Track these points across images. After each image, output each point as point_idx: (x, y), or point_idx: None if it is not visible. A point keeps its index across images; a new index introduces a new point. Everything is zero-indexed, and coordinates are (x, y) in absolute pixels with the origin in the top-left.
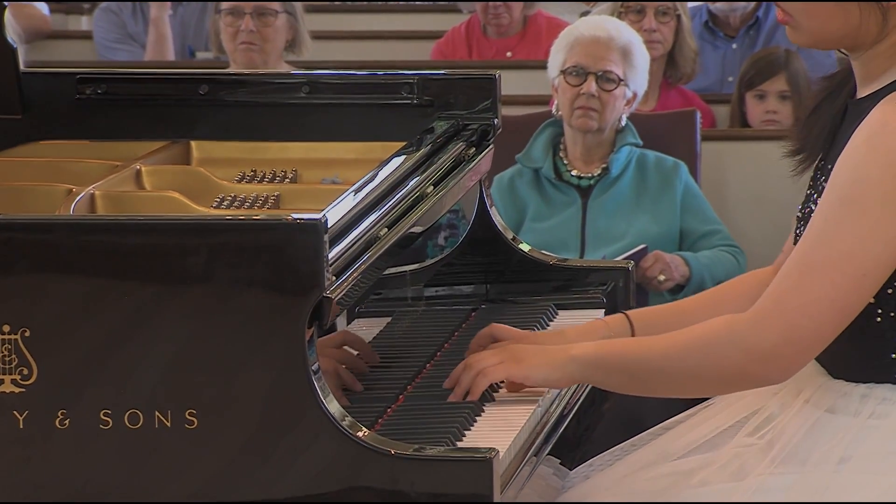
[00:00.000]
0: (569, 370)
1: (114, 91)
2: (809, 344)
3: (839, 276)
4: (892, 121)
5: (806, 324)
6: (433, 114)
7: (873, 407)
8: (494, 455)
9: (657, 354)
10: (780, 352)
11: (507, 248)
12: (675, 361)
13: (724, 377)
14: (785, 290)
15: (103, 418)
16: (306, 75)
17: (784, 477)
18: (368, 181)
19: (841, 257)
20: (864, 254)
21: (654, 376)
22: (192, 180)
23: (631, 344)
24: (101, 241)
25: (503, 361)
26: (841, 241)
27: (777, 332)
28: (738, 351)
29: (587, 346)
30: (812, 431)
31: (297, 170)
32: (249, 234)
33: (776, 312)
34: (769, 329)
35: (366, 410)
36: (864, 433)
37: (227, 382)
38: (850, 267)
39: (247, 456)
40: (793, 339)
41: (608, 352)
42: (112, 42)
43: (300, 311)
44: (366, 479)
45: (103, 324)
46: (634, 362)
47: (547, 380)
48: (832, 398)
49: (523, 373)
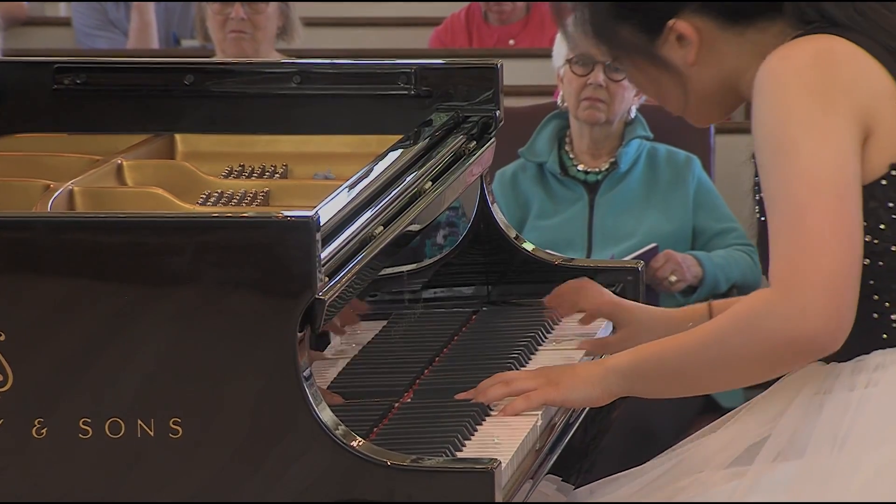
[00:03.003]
0: (607, 385)
1: (94, 81)
2: (839, 281)
3: (820, 208)
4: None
5: (824, 263)
6: (431, 105)
7: (867, 376)
8: (496, 466)
9: (696, 346)
10: (818, 302)
11: (509, 247)
12: (717, 349)
13: (774, 353)
14: (787, 250)
15: (83, 427)
16: (297, 64)
17: (784, 468)
18: (363, 177)
19: (809, 193)
20: (827, 176)
21: (699, 370)
22: (176, 175)
23: (666, 343)
24: (81, 239)
25: (539, 386)
26: (798, 181)
27: (804, 285)
28: (779, 320)
29: (621, 357)
30: (807, 418)
31: (287, 164)
32: (237, 233)
33: (792, 270)
34: (796, 287)
35: (360, 419)
36: (861, 405)
37: (214, 389)
38: (823, 196)
39: (234, 467)
40: (821, 284)
41: (644, 357)
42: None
43: (291, 313)
44: (360, 491)
45: (82, 327)
46: (674, 361)
47: (587, 399)
48: (826, 382)
49: (562, 396)
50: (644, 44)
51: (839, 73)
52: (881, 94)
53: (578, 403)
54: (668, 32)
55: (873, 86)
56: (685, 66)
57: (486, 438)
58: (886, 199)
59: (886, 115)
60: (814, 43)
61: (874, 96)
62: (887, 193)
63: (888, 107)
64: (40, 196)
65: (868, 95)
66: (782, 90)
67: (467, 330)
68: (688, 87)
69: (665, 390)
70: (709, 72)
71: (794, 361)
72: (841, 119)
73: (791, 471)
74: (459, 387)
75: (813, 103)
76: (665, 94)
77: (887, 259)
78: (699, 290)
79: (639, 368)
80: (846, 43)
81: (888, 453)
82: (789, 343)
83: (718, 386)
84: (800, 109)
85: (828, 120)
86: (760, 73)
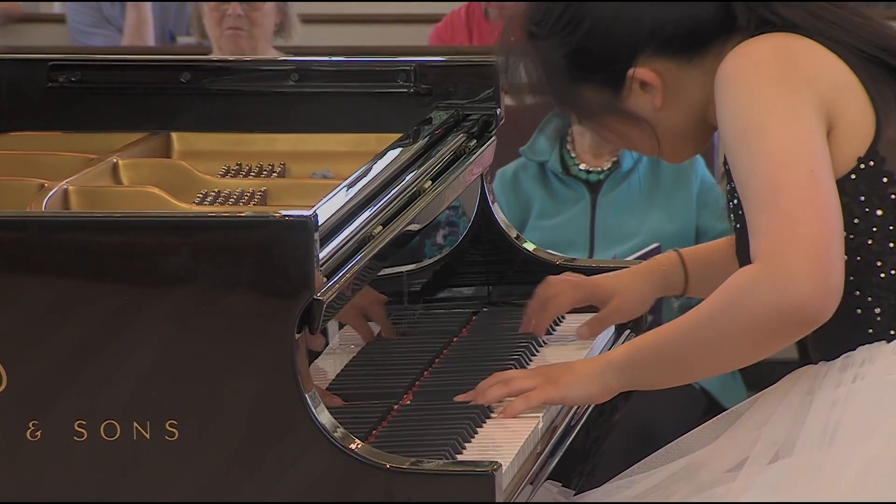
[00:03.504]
0: (606, 380)
1: (89, 79)
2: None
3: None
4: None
5: (804, 231)
6: (431, 103)
7: (854, 371)
8: (497, 469)
9: (688, 329)
10: (804, 268)
11: (510, 247)
12: (708, 329)
13: (766, 325)
14: (766, 226)
15: (77, 429)
16: (295, 62)
17: (775, 468)
18: (362, 175)
19: (781, 170)
20: (797, 153)
21: (694, 353)
22: (172, 175)
23: (660, 330)
24: (76, 239)
25: (538, 386)
26: (768, 161)
27: (788, 254)
28: (766, 290)
29: (618, 350)
30: (796, 417)
31: (285, 163)
32: (234, 233)
33: (773, 242)
34: (780, 257)
35: (359, 421)
36: (847, 401)
37: (211, 391)
38: (795, 171)
39: (231, 470)
40: (804, 250)
41: (640, 347)
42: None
43: (289, 314)
44: (359, 494)
45: (77, 328)
46: (668, 346)
47: (587, 395)
48: (815, 381)
49: (561, 394)
50: (609, 100)
51: (798, 65)
52: (842, 87)
53: (578, 401)
54: (631, 82)
55: (834, 78)
56: (654, 112)
57: (486, 441)
58: (857, 192)
59: (849, 107)
60: (770, 40)
61: (835, 88)
62: (857, 187)
63: (850, 99)
64: (34, 195)
65: (829, 87)
66: (743, 81)
67: (467, 331)
68: (659, 133)
69: (663, 379)
70: (678, 111)
71: (786, 333)
72: (803, 104)
73: (781, 469)
74: (459, 389)
75: (775, 90)
76: (637, 145)
77: (864, 253)
78: None
79: (635, 359)
80: (803, 39)
81: (876, 447)
82: (780, 313)
83: (716, 368)
84: (762, 95)
85: (791, 103)
86: (720, 73)
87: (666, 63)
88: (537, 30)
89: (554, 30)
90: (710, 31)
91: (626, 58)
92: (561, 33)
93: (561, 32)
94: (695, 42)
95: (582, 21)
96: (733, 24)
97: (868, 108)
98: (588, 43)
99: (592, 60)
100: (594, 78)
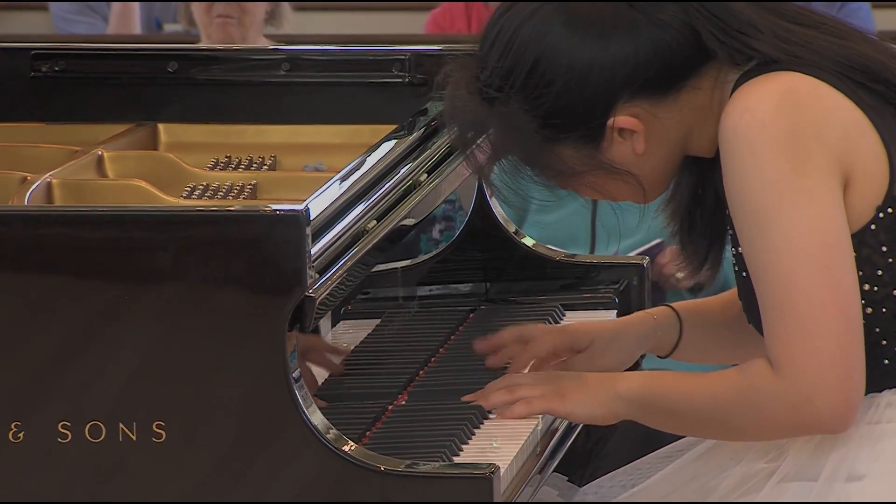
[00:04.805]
0: (614, 408)
1: (73, 68)
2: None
3: (807, 283)
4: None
5: (821, 344)
6: (427, 94)
7: (879, 414)
8: (495, 472)
9: (704, 403)
10: (824, 388)
11: (508, 242)
12: (723, 416)
13: (783, 432)
14: (780, 331)
15: (62, 431)
16: (287, 51)
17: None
18: (355, 168)
19: (793, 267)
20: (810, 244)
21: (706, 427)
22: (159, 167)
23: (679, 386)
24: (59, 234)
25: (545, 394)
26: (779, 255)
27: (806, 372)
28: (785, 407)
29: (632, 383)
30: (820, 447)
31: (276, 156)
32: (223, 228)
33: (790, 355)
34: (798, 375)
35: (353, 422)
36: (876, 443)
37: (199, 391)
38: (808, 268)
39: (220, 473)
40: (822, 368)
41: (657, 393)
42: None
43: (280, 312)
44: (353, 497)
45: (61, 326)
46: (682, 408)
47: (591, 417)
48: None
49: (567, 409)
50: (590, 155)
51: (807, 116)
52: (853, 133)
53: (582, 420)
54: (611, 133)
55: (844, 123)
56: (635, 159)
57: (484, 443)
58: (878, 243)
59: (862, 156)
60: (773, 84)
61: (846, 137)
62: (878, 237)
63: (862, 146)
64: (17, 189)
65: (840, 136)
66: (749, 151)
67: (464, 329)
68: (641, 179)
69: (671, 430)
70: (659, 152)
71: (801, 435)
72: (817, 174)
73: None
74: (456, 388)
75: (785, 162)
76: (617, 195)
77: (889, 304)
78: (708, 287)
79: (648, 402)
80: (806, 79)
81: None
82: (797, 426)
83: (727, 440)
84: (771, 172)
85: (802, 180)
86: (724, 132)
87: (642, 104)
88: (498, 95)
89: (522, 94)
90: (684, 64)
91: (604, 109)
92: (530, 97)
93: (530, 96)
94: (670, 78)
95: (554, 81)
96: (706, 55)
97: (880, 149)
98: (562, 101)
99: (567, 118)
100: (570, 136)
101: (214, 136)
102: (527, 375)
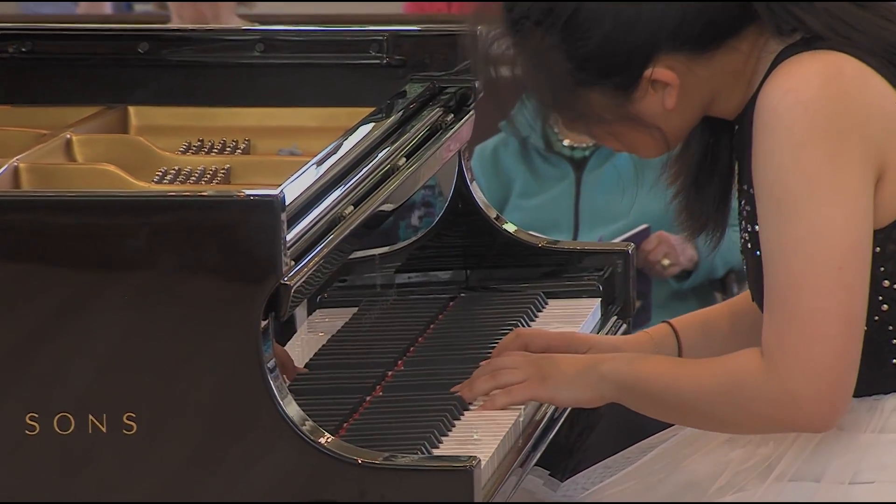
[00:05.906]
0: (599, 390)
1: (40, 49)
2: (833, 369)
3: (818, 284)
4: (778, 104)
5: (818, 350)
6: (405, 76)
7: (883, 421)
8: (475, 464)
9: (689, 392)
10: (812, 392)
11: (489, 228)
12: (707, 406)
13: (764, 427)
14: (779, 324)
15: (29, 423)
16: (261, 31)
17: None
18: (332, 153)
19: (807, 265)
20: (829, 243)
21: (690, 415)
22: (130, 151)
23: (665, 371)
24: (26, 220)
25: (527, 379)
26: (796, 248)
27: (797, 373)
28: (769, 403)
29: (619, 365)
30: (819, 449)
31: (249, 139)
32: (196, 214)
33: (784, 351)
34: (788, 372)
35: (329, 413)
36: (880, 449)
37: (171, 382)
38: (822, 269)
39: (193, 466)
40: (814, 373)
41: (643, 377)
42: None
43: (254, 300)
44: (330, 491)
45: (28, 315)
46: (668, 394)
47: (576, 400)
48: None
49: (549, 394)
50: (619, 104)
51: (851, 105)
52: (893, 126)
53: (566, 403)
54: (645, 84)
55: (886, 114)
56: (662, 113)
57: (464, 434)
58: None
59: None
60: (819, 65)
61: (886, 129)
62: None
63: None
64: None
65: (881, 129)
66: (787, 135)
67: (444, 318)
68: (666, 134)
69: (655, 416)
70: (685, 109)
71: (782, 431)
72: (852, 168)
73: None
74: (435, 379)
75: (821, 150)
76: (638, 148)
77: None
78: (694, 274)
79: (635, 387)
80: (853, 62)
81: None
82: (778, 422)
83: (707, 430)
84: (806, 159)
85: (837, 175)
86: (763, 108)
87: (681, 59)
88: (537, 33)
89: (560, 35)
90: (728, 22)
91: (644, 59)
92: (568, 38)
93: (569, 37)
94: (713, 35)
95: (597, 26)
96: (750, 17)
97: None
98: (603, 48)
99: (605, 64)
100: (605, 82)
101: (186, 119)
102: (510, 358)
